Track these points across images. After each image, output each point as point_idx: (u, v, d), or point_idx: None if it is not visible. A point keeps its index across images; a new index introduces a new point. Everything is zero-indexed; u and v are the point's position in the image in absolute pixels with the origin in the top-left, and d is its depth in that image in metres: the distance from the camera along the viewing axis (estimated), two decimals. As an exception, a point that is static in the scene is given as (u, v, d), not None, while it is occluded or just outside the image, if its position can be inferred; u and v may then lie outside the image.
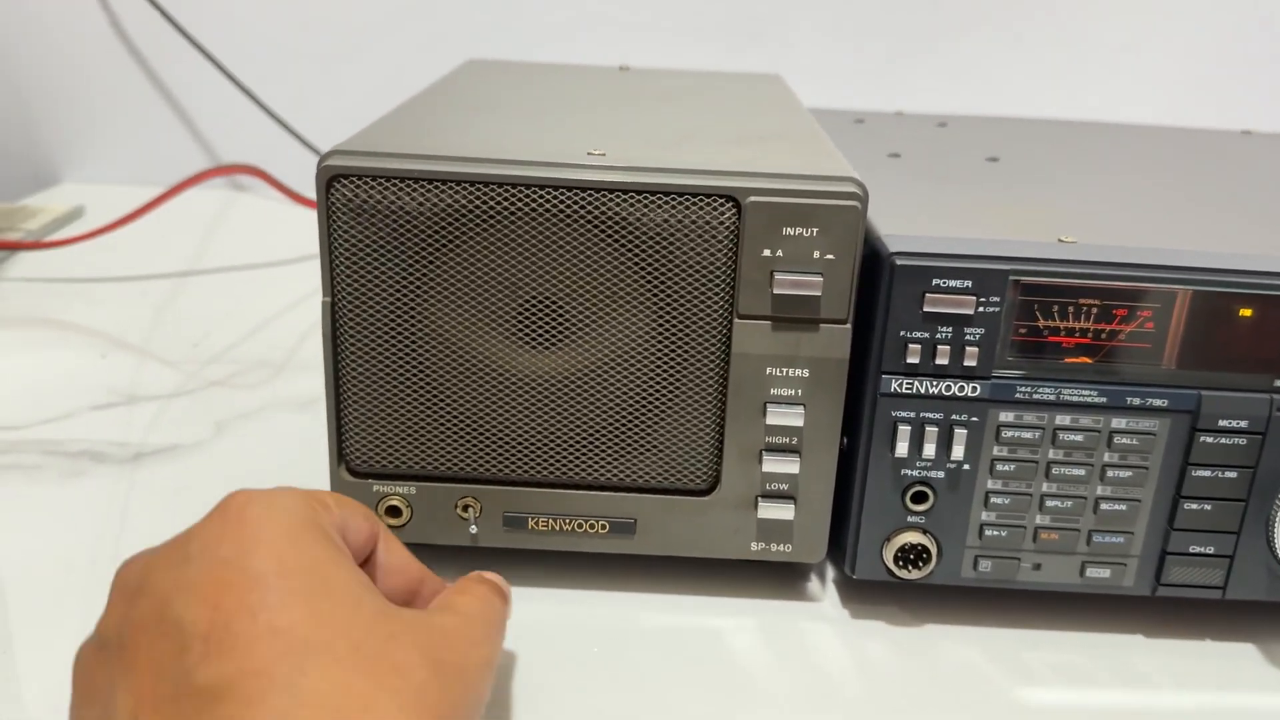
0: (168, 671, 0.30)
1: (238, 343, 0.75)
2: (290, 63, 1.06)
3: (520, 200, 0.44)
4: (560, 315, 0.45)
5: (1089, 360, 0.45)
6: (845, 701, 0.44)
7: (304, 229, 0.98)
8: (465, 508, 0.48)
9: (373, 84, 1.06)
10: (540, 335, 0.46)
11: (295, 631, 0.30)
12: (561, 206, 0.44)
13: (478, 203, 0.44)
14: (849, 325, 0.45)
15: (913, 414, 0.45)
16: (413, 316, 0.45)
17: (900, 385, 0.45)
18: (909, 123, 0.74)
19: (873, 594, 0.50)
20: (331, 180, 0.44)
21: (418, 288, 0.45)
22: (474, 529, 0.47)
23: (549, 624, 0.47)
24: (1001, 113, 1.01)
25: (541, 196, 0.44)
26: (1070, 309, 0.44)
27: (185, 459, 0.60)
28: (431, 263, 0.44)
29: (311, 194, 0.93)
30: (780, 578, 0.51)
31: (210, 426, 0.63)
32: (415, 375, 0.46)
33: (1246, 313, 0.44)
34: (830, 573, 0.52)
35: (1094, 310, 0.44)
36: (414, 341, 0.46)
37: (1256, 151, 0.70)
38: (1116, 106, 1.03)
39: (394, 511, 0.48)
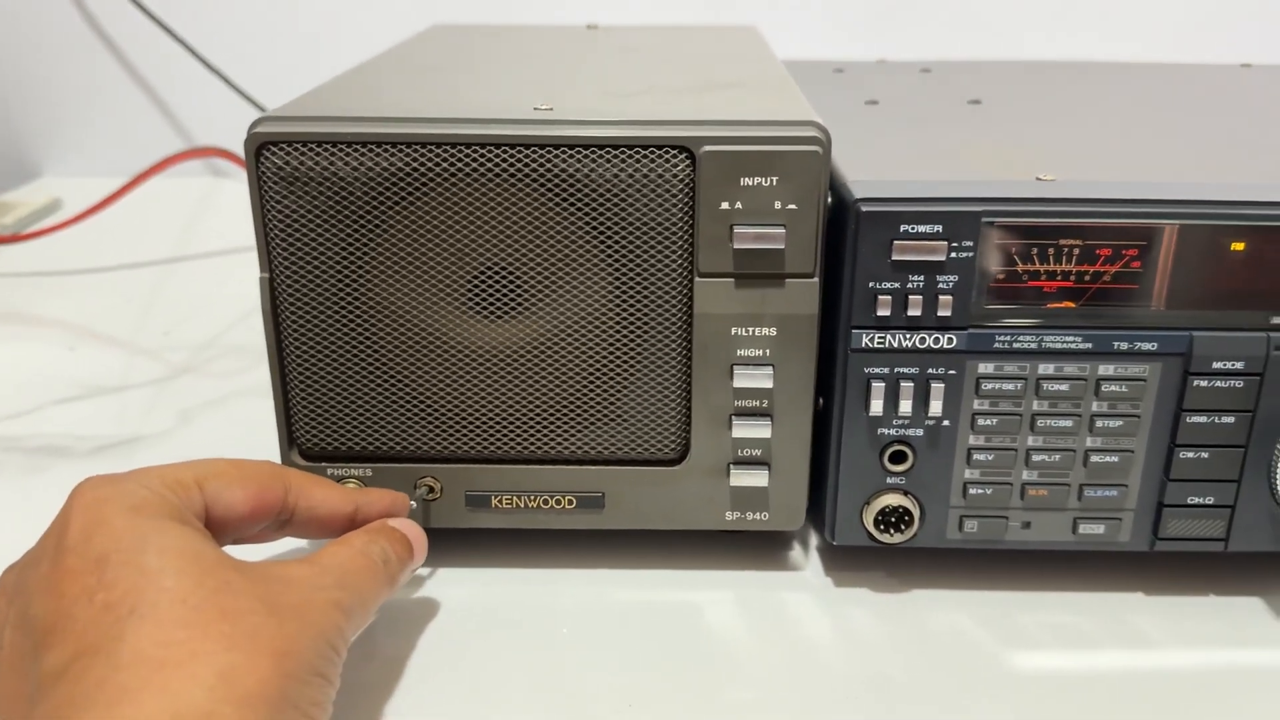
0: (27, 670, 0.31)
1: (211, 330, 0.73)
2: (269, 46, 1.04)
3: (461, 161, 0.41)
4: (514, 283, 0.43)
5: (1073, 304, 0.42)
6: (828, 673, 0.42)
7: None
8: (430, 489, 0.46)
9: (353, 63, 1.03)
10: (494, 304, 0.43)
11: (124, 602, 0.31)
12: (506, 166, 0.41)
13: (417, 165, 0.41)
14: (817, 279, 0.43)
15: (886, 369, 0.42)
16: (357, 289, 0.43)
17: (872, 340, 0.42)
18: (891, 70, 0.71)
19: (857, 560, 0.48)
20: (261, 148, 0.41)
21: (360, 259, 0.43)
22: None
23: (516, 605, 0.45)
24: (996, 57, 0.98)
25: (483, 156, 0.41)
26: (1050, 251, 0.41)
27: (148, 450, 0.58)
28: (372, 232, 0.42)
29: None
30: (761, 547, 0.49)
31: (175, 416, 0.62)
32: (364, 351, 0.44)
33: (1239, 247, 0.41)
34: (814, 540, 0.50)
35: (1076, 251, 0.41)
36: (360, 316, 0.43)
37: (1255, 84, 0.67)
38: (1116, 44, 1.00)
39: (350, 494, 0.46)
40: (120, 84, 1.07)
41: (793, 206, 0.42)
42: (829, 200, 0.43)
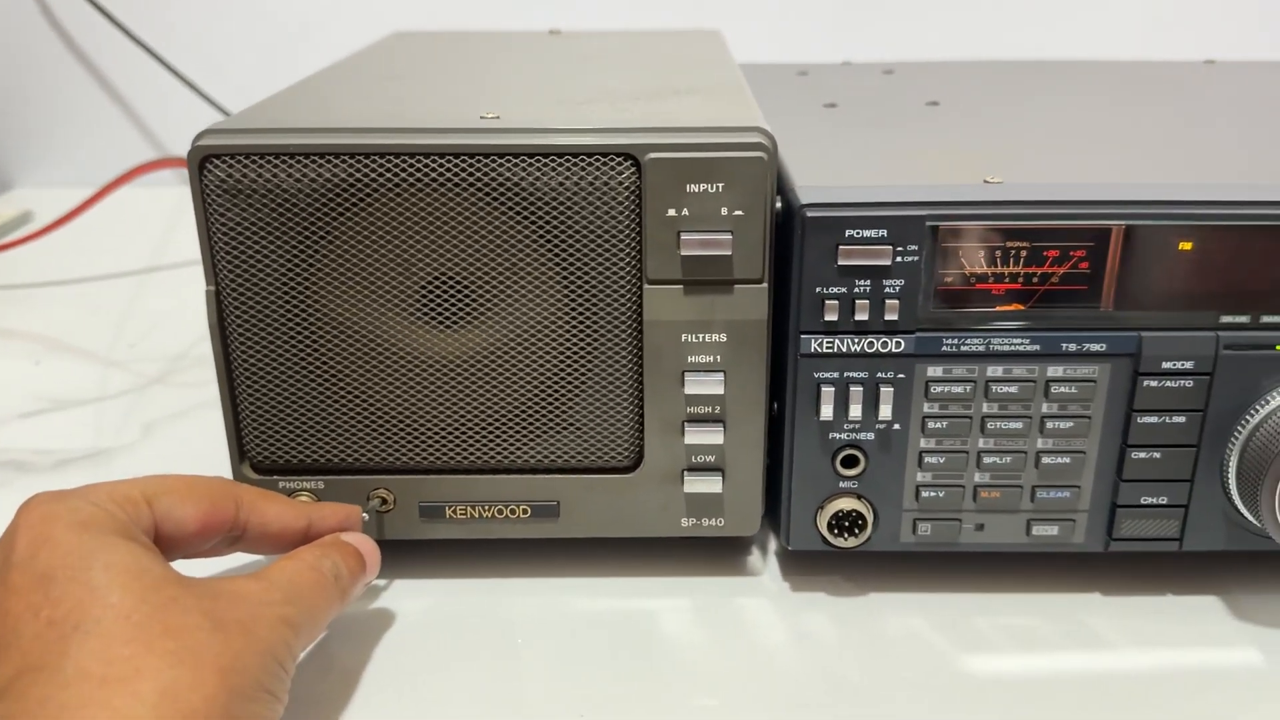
0: None
1: (180, 342, 0.73)
2: (240, 55, 1.04)
3: (405, 171, 0.41)
4: (464, 292, 0.43)
5: (1021, 307, 0.42)
6: (783, 679, 0.42)
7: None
8: (383, 501, 0.45)
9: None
10: (444, 314, 0.43)
11: (68, 619, 0.31)
12: (451, 175, 0.41)
13: (360, 176, 0.41)
14: (765, 284, 0.43)
15: (836, 374, 0.42)
16: (305, 301, 0.43)
17: (820, 345, 0.42)
18: (854, 72, 0.71)
19: (814, 565, 0.48)
20: (204, 161, 0.41)
21: (307, 270, 0.42)
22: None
23: (472, 616, 0.45)
24: (964, 57, 0.98)
25: (428, 165, 0.41)
26: (998, 253, 0.41)
27: (110, 463, 0.58)
28: (319, 243, 0.42)
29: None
30: (719, 553, 0.49)
31: (140, 429, 0.61)
32: (313, 363, 0.44)
33: (1186, 246, 0.41)
34: (772, 545, 0.50)
35: (1023, 253, 0.41)
36: (309, 328, 0.43)
37: (1216, 81, 0.67)
38: (1084, 42, 1.00)
39: (303, 507, 0.45)
40: (92, 95, 1.06)
41: (739, 213, 0.41)
42: (778, 205, 0.43)
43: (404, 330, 0.43)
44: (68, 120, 1.07)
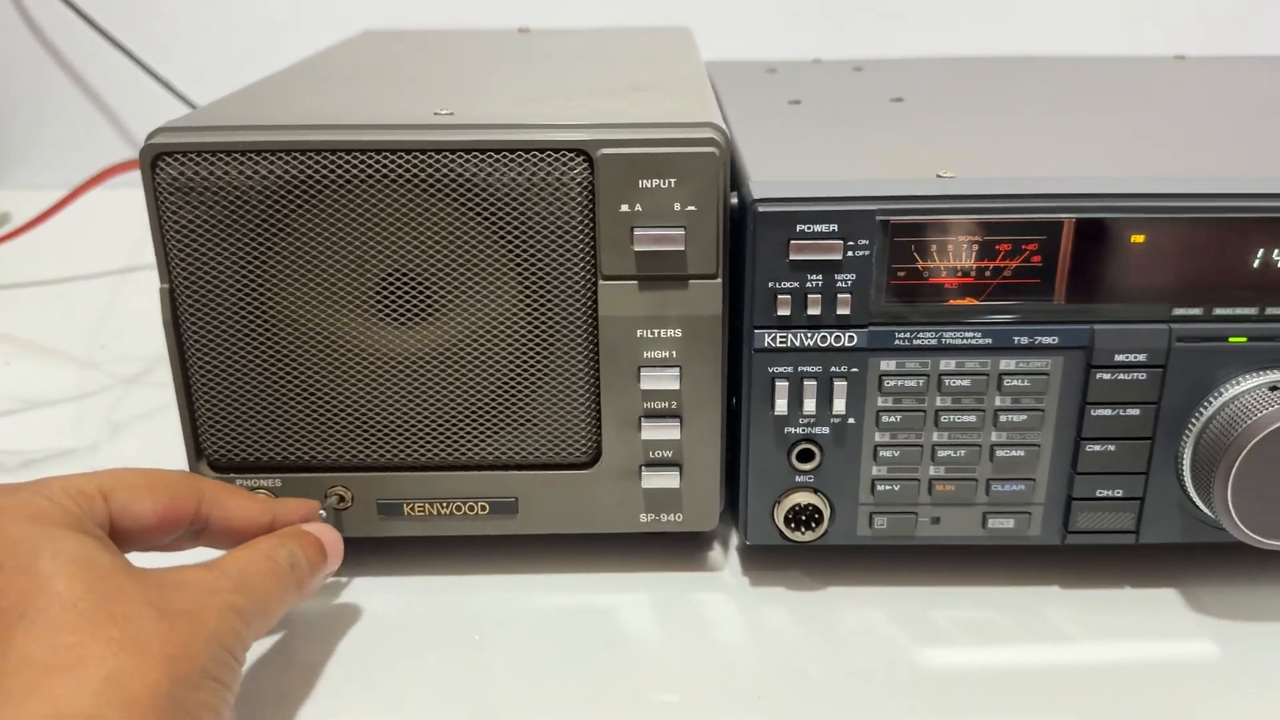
0: None
1: (153, 342, 0.73)
2: (218, 57, 1.04)
3: (360, 167, 0.41)
4: (421, 288, 0.43)
5: (975, 301, 0.42)
6: (742, 674, 0.42)
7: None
8: (340, 499, 0.45)
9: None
10: (402, 311, 0.43)
11: (14, 608, 0.31)
12: (405, 171, 0.41)
13: (312, 173, 0.41)
14: (720, 280, 0.43)
15: (790, 368, 0.42)
16: (260, 298, 0.43)
17: (774, 339, 0.42)
18: (823, 70, 0.71)
19: (775, 559, 0.48)
20: (156, 159, 0.41)
21: (261, 267, 0.42)
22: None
23: (433, 613, 0.45)
24: (937, 54, 0.98)
25: (381, 161, 0.41)
26: (950, 247, 0.41)
27: (77, 463, 0.57)
28: (272, 240, 0.42)
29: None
30: (680, 548, 0.49)
31: (108, 429, 0.61)
32: (269, 361, 0.44)
33: (1139, 239, 0.41)
34: (734, 540, 0.50)
35: (975, 247, 0.41)
36: (264, 325, 0.43)
37: (1184, 76, 0.67)
38: (1067, 40, 1.00)
39: (261, 505, 0.45)
40: (71, 97, 1.06)
41: (692, 208, 0.41)
42: (734, 201, 0.43)
43: (360, 327, 0.43)
44: (46, 122, 1.07)
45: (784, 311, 0.42)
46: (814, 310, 0.41)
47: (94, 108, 1.07)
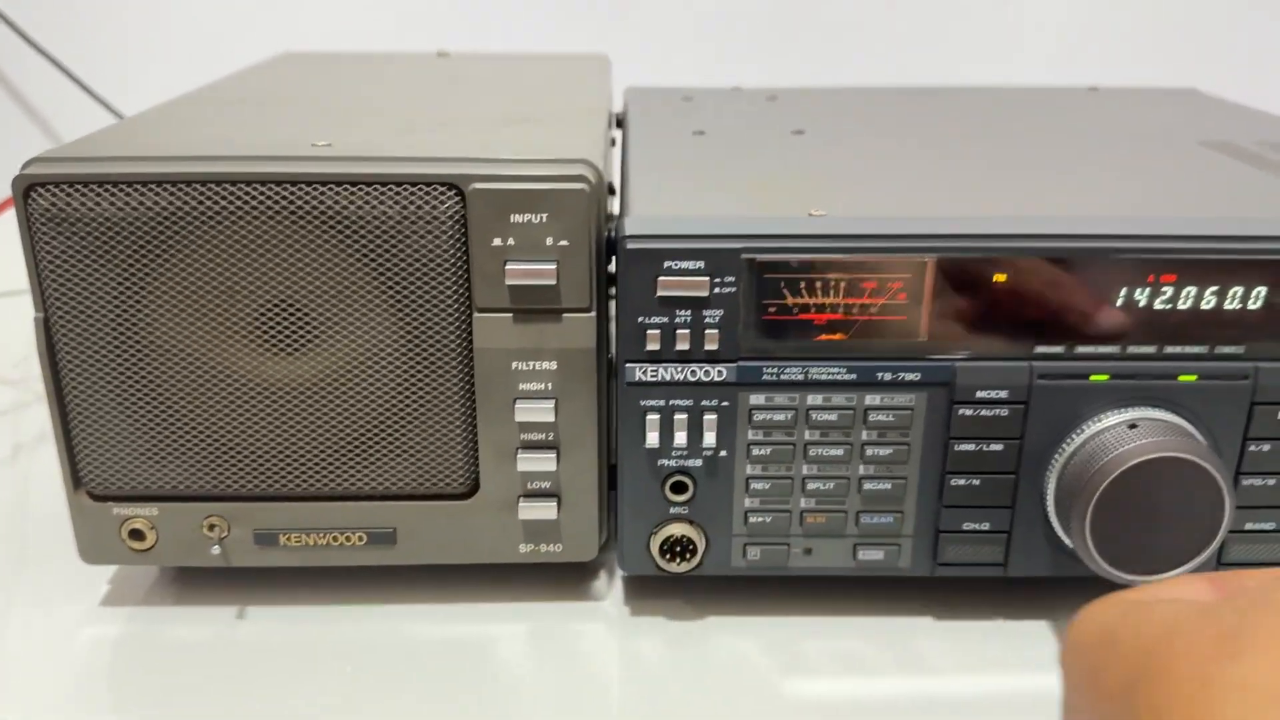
0: None
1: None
2: (152, 72, 1.03)
3: (230, 199, 0.41)
4: (298, 319, 0.43)
5: (843, 337, 0.43)
6: (608, 704, 0.42)
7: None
8: (211, 527, 0.46)
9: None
10: (279, 341, 0.43)
11: None
12: (278, 203, 0.41)
13: (186, 204, 0.41)
14: (593, 313, 0.43)
15: (661, 401, 0.43)
16: (136, 329, 0.43)
17: (645, 373, 0.43)
18: (739, 98, 0.72)
19: (657, 589, 0.49)
20: (28, 190, 0.41)
21: (137, 298, 0.43)
22: (216, 549, 0.45)
23: (309, 643, 0.45)
24: (877, 83, 0.99)
25: (252, 193, 0.41)
26: (818, 284, 0.42)
27: (-30, 487, 0.57)
28: (147, 271, 0.42)
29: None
30: (565, 578, 0.49)
31: (9, 449, 0.61)
32: (145, 390, 0.44)
33: (1001, 278, 0.42)
34: (619, 569, 0.50)
35: (842, 285, 0.42)
36: (140, 355, 0.43)
37: (1087, 109, 0.68)
38: (1009, 65, 1.01)
39: (137, 535, 0.45)
40: (11, 116, 1.06)
41: (564, 243, 0.42)
42: (610, 235, 0.44)
43: (238, 357, 0.44)
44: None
45: (653, 346, 0.42)
46: (683, 345, 0.42)
47: (35, 126, 1.07)
